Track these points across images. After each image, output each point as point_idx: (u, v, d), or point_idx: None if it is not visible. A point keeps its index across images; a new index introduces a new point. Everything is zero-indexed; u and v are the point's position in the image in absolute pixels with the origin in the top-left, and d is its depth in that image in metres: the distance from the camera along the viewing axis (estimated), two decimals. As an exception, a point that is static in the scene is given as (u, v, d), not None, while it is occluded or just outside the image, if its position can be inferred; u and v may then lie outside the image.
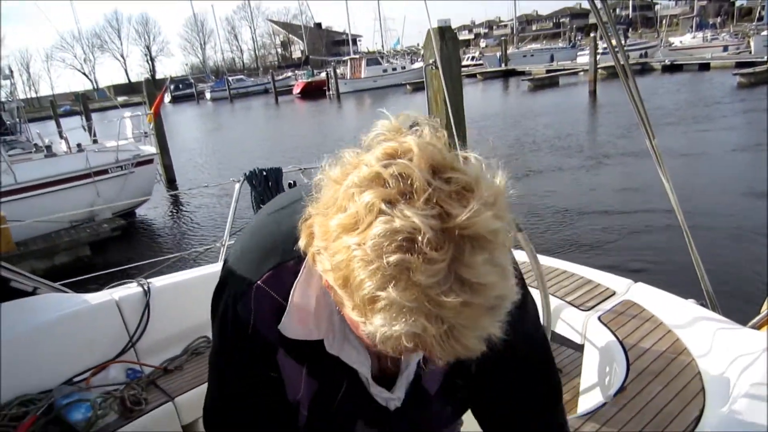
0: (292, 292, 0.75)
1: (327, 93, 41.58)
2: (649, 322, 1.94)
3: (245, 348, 0.81)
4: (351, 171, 0.59)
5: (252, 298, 0.78)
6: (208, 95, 53.86)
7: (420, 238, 0.51)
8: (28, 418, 1.82)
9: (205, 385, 0.95)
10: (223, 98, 50.66)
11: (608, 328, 1.95)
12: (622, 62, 2.06)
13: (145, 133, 11.28)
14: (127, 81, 76.04)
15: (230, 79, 54.78)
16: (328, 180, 0.61)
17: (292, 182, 3.38)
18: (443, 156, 0.57)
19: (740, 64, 25.46)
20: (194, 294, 2.40)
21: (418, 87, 31.04)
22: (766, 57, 24.04)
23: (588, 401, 1.96)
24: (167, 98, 46.05)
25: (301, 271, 0.75)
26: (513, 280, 0.57)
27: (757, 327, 1.89)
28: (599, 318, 2.02)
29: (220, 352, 0.88)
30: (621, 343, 1.85)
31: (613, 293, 2.19)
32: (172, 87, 52.77)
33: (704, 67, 29.48)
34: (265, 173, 3.35)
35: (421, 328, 0.53)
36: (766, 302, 2.28)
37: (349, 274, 0.55)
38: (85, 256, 8.33)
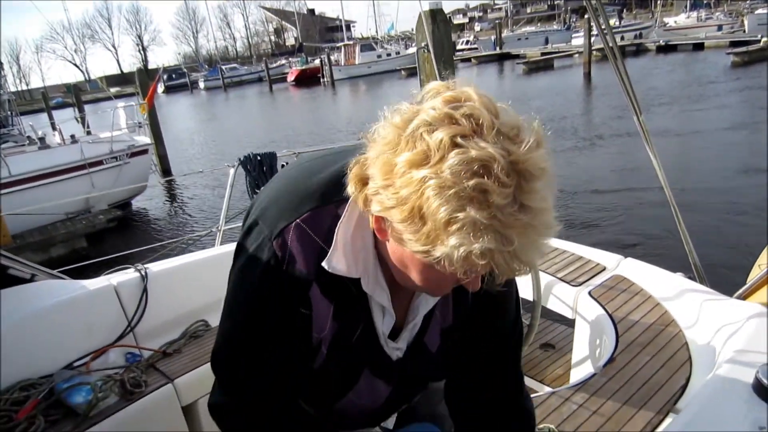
0: (336, 230, 0.79)
1: (321, 80, 41.31)
2: (638, 296, 1.98)
3: (275, 285, 0.82)
4: (413, 117, 0.65)
5: (290, 235, 0.80)
6: (201, 84, 53.37)
7: (495, 165, 0.59)
8: (30, 402, 1.84)
9: (205, 366, 0.95)
10: (216, 87, 50.24)
11: (598, 302, 1.99)
12: (610, 44, 2.09)
13: (140, 123, 11.22)
14: (119, 71, 75.30)
15: (223, 67, 54.32)
16: (389, 126, 0.67)
17: (285, 163, 3.39)
18: (494, 104, 0.65)
19: (734, 44, 25.38)
20: (192, 279, 2.41)
21: (412, 72, 30.80)
22: (759, 36, 23.94)
23: (579, 373, 2.01)
24: (160, 88, 45.65)
25: (343, 214, 0.79)
26: (555, 215, 0.65)
27: (743, 297, 1.93)
28: (590, 293, 2.06)
29: (248, 291, 0.87)
30: (611, 316, 1.89)
31: (604, 268, 2.23)
32: (165, 77, 52.25)
33: (698, 47, 29.38)
34: (259, 158, 3.36)
35: (494, 243, 0.60)
36: (751, 272, 2.32)
37: (422, 203, 0.61)
38: (82, 248, 8.29)
